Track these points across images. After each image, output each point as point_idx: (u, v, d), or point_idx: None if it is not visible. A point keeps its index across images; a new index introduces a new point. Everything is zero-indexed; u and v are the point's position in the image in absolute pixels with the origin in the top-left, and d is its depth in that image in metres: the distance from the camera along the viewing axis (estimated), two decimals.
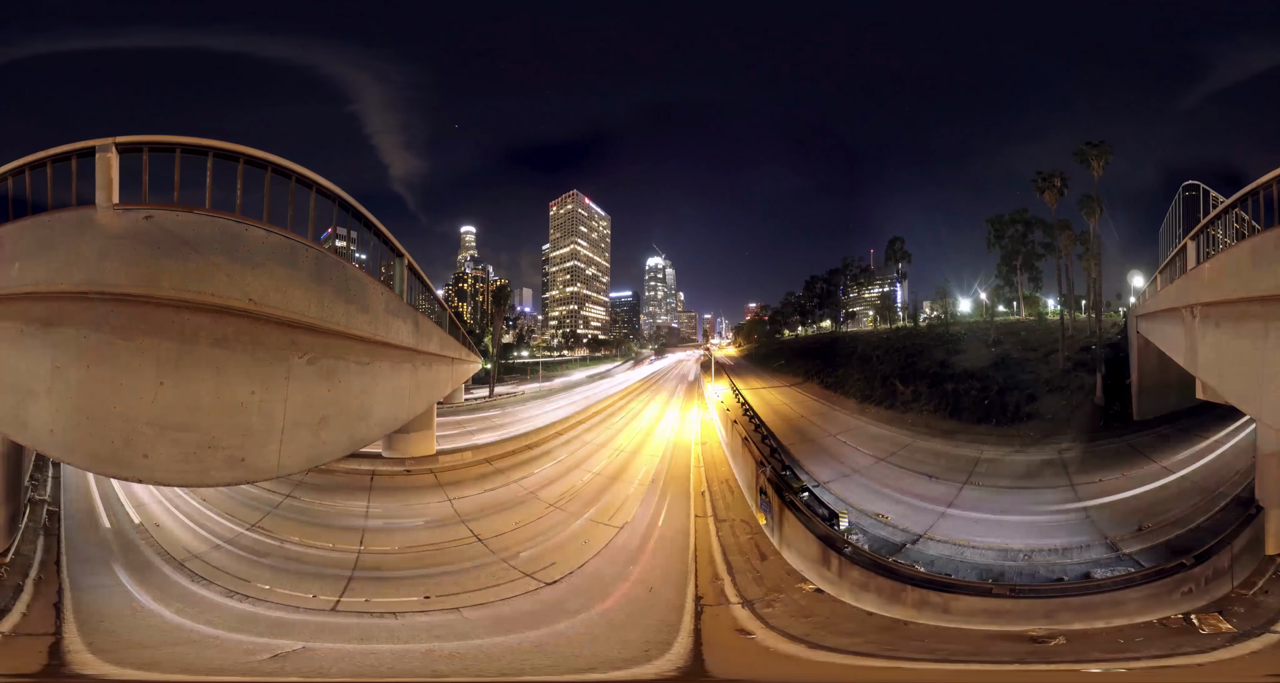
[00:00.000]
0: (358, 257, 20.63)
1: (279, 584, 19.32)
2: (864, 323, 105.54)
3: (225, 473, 13.84)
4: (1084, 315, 54.95)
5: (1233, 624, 16.33)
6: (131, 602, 17.42)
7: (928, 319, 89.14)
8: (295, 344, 14.79)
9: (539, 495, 28.92)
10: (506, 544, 23.36)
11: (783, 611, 18.43)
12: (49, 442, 13.31)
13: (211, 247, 13.20)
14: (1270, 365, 14.70)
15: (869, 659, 15.63)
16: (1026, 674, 15.06)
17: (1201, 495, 24.63)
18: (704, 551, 22.90)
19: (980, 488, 29.94)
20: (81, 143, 13.51)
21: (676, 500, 28.54)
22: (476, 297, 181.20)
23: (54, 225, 13.38)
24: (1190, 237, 22.54)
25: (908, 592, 18.08)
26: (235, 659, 14.95)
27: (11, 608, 15.93)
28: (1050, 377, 43.72)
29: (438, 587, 19.85)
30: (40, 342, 13.10)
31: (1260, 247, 15.01)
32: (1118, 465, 30.38)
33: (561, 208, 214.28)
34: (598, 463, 35.25)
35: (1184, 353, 23.35)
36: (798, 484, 27.92)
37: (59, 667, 14.06)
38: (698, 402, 56.84)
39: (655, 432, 44.67)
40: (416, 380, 24.91)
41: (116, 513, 23.14)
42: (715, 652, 16.08)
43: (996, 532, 24.89)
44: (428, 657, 15.60)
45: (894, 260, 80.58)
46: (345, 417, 17.31)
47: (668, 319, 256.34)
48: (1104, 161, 46.68)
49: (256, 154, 14.48)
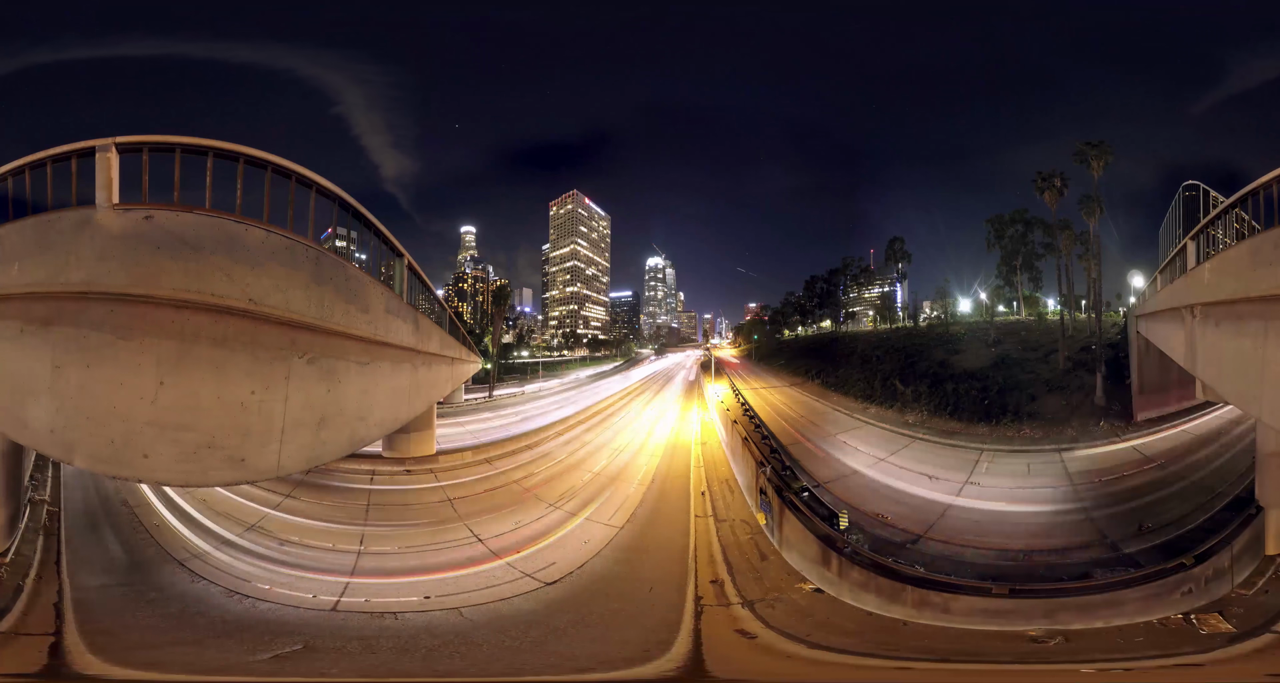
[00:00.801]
0: (358, 257, 20.64)
1: (279, 584, 19.30)
2: (864, 323, 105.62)
3: (225, 473, 13.86)
4: (1084, 315, 54.97)
5: (1233, 624, 16.35)
6: (131, 602, 17.39)
7: (928, 319, 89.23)
8: (295, 344, 14.79)
9: (539, 495, 28.90)
10: (506, 544, 23.36)
11: (783, 611, 18.43)
12: (49, 442, 13.32)
13: (211, 247, 13.21)
14: (1270, 365, 14.68)
15: (869, 659, 15.64)
16: (1026, 674, 15.07)
17: (1201, 495, 24.65)
18: (704, 551, 22.90)
19: (980, 488, 29.94)
20: (81, 143, 13.52)
21: (676, 500, 28.53)
22: (476, 297, 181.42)
23: (54, 225, 13.38)
24: (1190, 237, 22.53)
25: (907, 592, 18.09)
26: (236, 659, 14.95)
27: (11, 608, 15.94)
28: (1050, 377, 43.73)
29: (438, 587, 19.85)
30: (40, 341, 13.10)
31: (1260, 247, 15.00)
32: (1117, 465, 30.43)
33: (561, 208, 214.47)
34: (597, 463, 35.24)
35: (1184, 353, 23.35)
36: (798, 484, 27.91)
37: (59, 667, 14.07)
38: (697, 402, 56.82)
39: (655, 432, 44.63)
40: (416, 380, 24.91)
41: (116, 513, 23.13)
42: (715, 652, 16.08)
43: (996, 532, 24.89)
44: (428, 657, 15.60)
45: (894, 260, 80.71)
46: (345, 417, 17.31)
47: (668, 319, 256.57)
48: (1104, 161, 46.65)
49: (256, 154, 14.48)
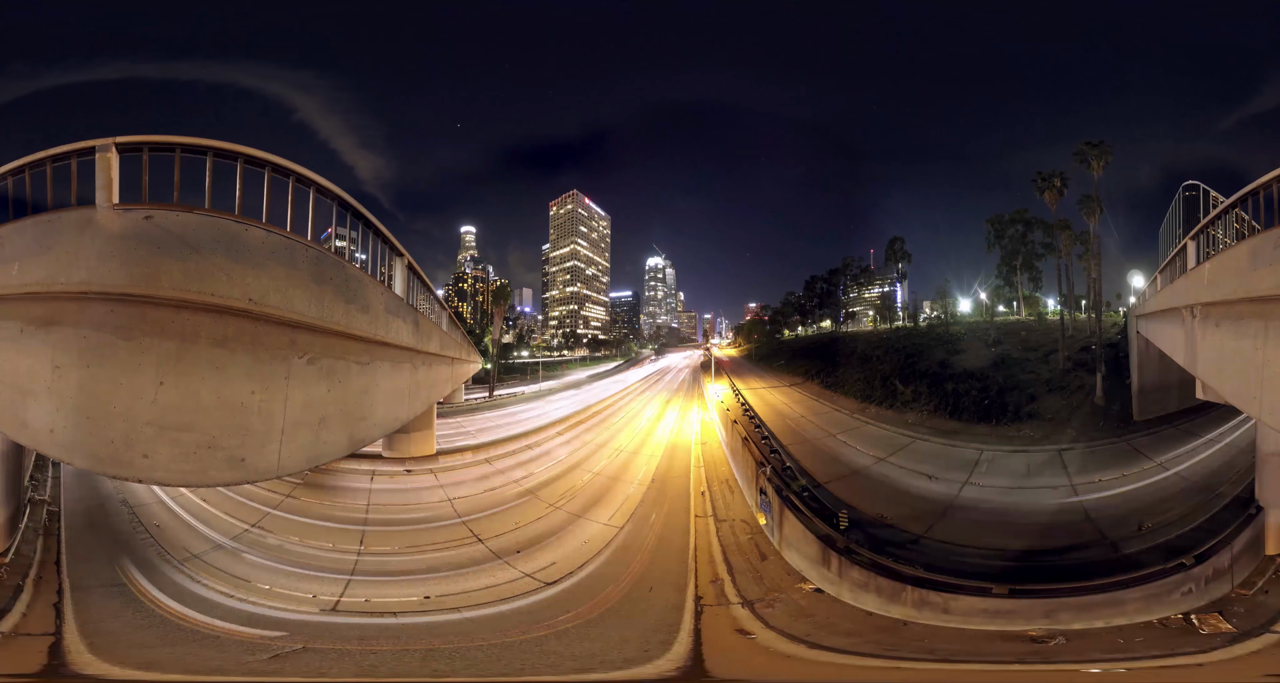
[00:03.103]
0: (358, 257, 20.64)
1: (279, 584, 19.31)
2: (864, 323, 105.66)
3: (225, 473, 13.84)
4: (1084, 315, 54.99)
5: (1233, 624, 16.35)
6: (131, 602, 17.39)
7: (928, 319, 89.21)
8: (295, 344, 14.79)
9: (539, 496, 28.91)
10: (506, 544, 23.35)
11: (783, 611, 18.43)
12: (49, 442, 13.30)
13: (211, 247, 13.20)
14: (1270, 365, 14.68)
15: (869, 659, 15.64)
16: (1026, 674, 15.07)
17: (1201, 495, 24.64)
18: (704, 551, 22.90)
19: (980, 488, 29.94)
20: (81, 143, 13.49)
21: (676, 500, 28.52)
22: (476, 297, 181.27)
23: (54, 225, 13.37)
24: (1190, 237, 22.52)
25: (907, 592, 18.08)
26: (235, 659, 14.95)
27: (11, 608, 15.93)
28: (1050, 377, 43.74)
29: (438, 587, 19.86)
30: (40, 342, 13.09)
31: (1260, 247, 15.01)
32: (1118, 465, 30.43)
33: (561, 208, 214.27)
34: (597, 463, 35.24)
35: (1184, 353, 23.34)
36: (797, 484, 27.93)
37: (59, 667, 14.07)
38: (697, 402, 56.82)
39: (655, 432, 44.63)
40: (416, 380, 24.91)
41: (116, 513, 23.13)
42: (715, 652, 16.08)
43: (996, 532, 24.88)
44: (428, 657, 15.60)
45: (894, 260, 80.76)
46: (345, 417, 17.31)
47: (668, 319, 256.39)
48: (1104, 162, 46.65)
49: (256, 154, 14.48)
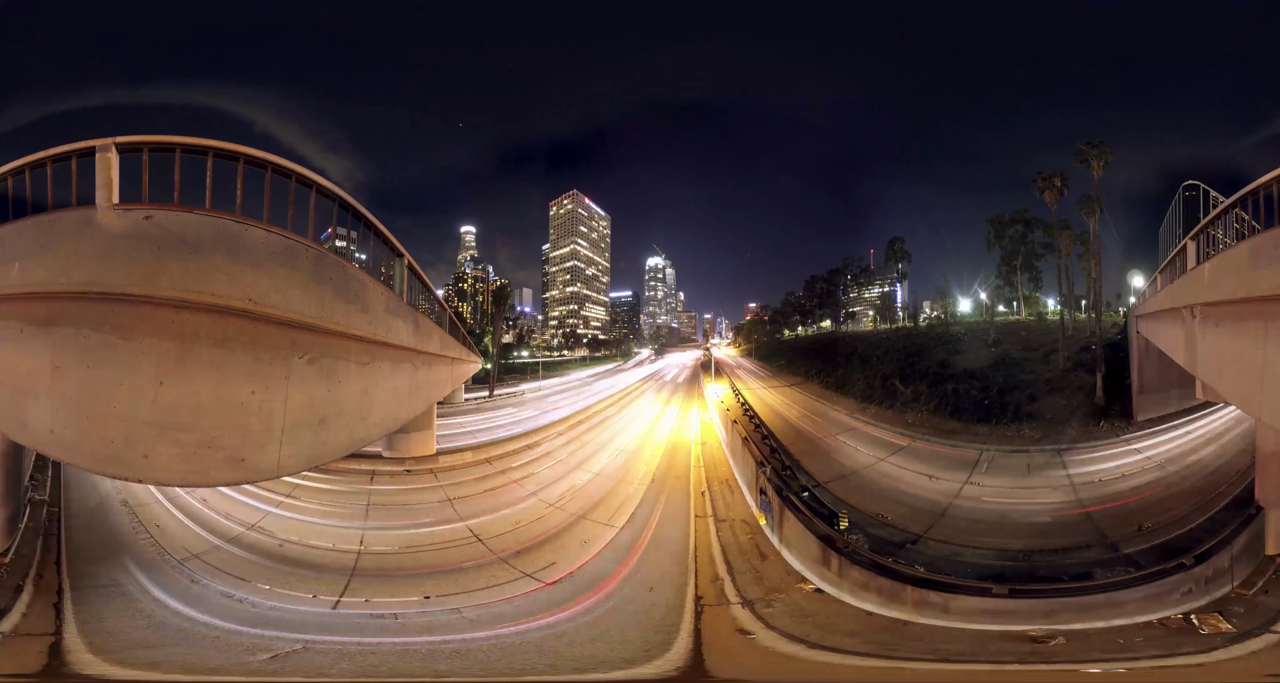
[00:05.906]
0: (358, 257, 20.62)
1: (279, 584, 19.30)
2: (864, 323, 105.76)
3: (225, 473, 13.85)
4: (1084, 315, 55.02)
5: (1233, 624, 16.34)
6: (131, 602, 17.39)
7: (928, 319, 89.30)
8: (295, 344, 14.79)
9: (539, 495, 28.90)
10: (506, 544, 23.34)
11: (783, 611, 18.42)
12: (49, 442, 13.31)
13: (211, 247, 13.20)
14: (1270, 365, 14.68)
15: (869, 659, 15.62)
16: (1026, 674, 15.06)
17: (1202, 495, 24.64)
18: (704, 550, 22.88)
19: (980, 488, 29.94)
20: (81, 143, 13.49)
21: (676, 500, 28.51)
22: (476, 297, 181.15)
23: (54, 225, 13.38)
24: (1190, 237, 22.51)
25: (907, 592, 18.08)
26: (235, 659, 14.94)
27: (11, 608, 15.92)
28: (1050, 377, 43.75)
29: (438, 587, 19.84)
30: (40, 342, 13.09)
31: (1260, 247, 15.00)
32: (1117, 465, 30.44)
33: (561, 208, 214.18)
34: (598, 463, 35.24)
35: (1184, 353, 23.34)
36: (798, 484, 27.94)
37: (59, 667, 14.07)
38: (697, 402, 56.82)
39: (655, 432, 44.63)
40: (416, 380, 24.91)
41: (116, 513, 23.13)
42: (715, 652, 16.07)
43: (996, 532, 24.89)
44: (428, 657, 15.60)
45: (894, 260, 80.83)
46: (345, 417, 17.31)
47: (668, 319, 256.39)
48: (1104, 162, 46.68)
49: (256, 154, 14.48)
